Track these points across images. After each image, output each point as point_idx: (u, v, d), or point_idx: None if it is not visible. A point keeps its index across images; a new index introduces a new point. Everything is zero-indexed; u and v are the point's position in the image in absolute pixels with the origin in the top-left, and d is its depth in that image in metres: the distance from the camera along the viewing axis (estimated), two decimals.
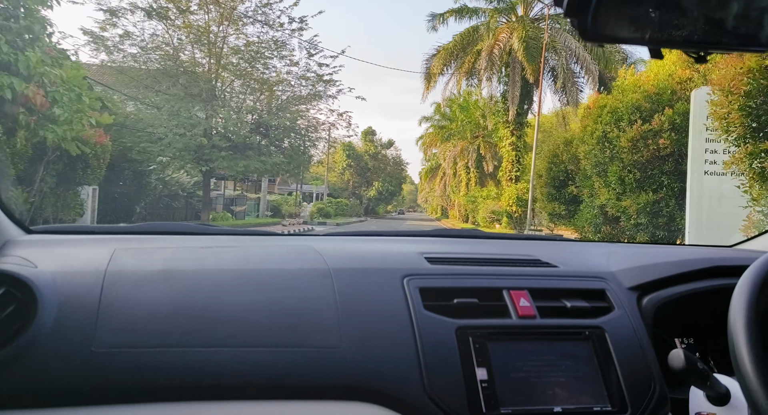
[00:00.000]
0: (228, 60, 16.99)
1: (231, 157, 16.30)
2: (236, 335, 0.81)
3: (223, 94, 17.48)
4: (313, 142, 20.41)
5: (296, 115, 18.40)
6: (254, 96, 18.15)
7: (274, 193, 34.44)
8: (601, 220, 9.75)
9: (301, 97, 18.76)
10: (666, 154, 7.58)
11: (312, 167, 37.18)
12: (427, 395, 0.80)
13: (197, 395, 0.77)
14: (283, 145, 18.77)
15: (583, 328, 0.92)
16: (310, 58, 18.61)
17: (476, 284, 0.97)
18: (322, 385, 0.80)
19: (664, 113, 7.55)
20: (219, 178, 24.35)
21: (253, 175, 23.39)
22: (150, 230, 1.20)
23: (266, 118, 17.55)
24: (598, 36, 0.53)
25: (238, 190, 27.54)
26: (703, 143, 6.97)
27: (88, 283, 0.84)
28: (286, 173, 20.75)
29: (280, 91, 18.52)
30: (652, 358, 0.91)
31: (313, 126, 19.62)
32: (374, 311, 0.88)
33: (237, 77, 17.45)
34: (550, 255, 1.13)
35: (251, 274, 0.93)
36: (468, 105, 37.18)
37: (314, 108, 19.43)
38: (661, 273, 1.04)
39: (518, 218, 20.59)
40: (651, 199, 7.81)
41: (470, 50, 22.17)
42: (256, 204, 26.94)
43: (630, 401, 0.84)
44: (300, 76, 18.48)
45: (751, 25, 0.55)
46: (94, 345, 0.76)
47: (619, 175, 8.19)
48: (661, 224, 7.86)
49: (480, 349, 0.85)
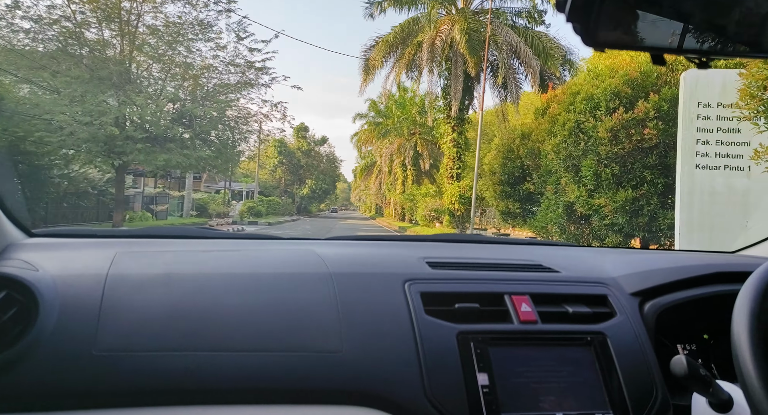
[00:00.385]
0: (144, 41, 14.92)
1: (149, 151, 14.28)
2: (237, 339, 0.80)
3: (139, 79, 15.36)
4: (244, 135, 18.60)
5: (224, 105, 16.55)
6: (176, 82, 16.12)
7: (200, 191, 32.02)
8: (565, 219, 8.89)
9: (229, 85, 16.91)
10: (650, 146, 6.76)
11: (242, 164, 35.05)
12: (428, 400, 0.79)
13: (198, 399, 0.76)
14: (209, 138, 16.84)
15: (584, 333, 0.91)
16: (240, 43, 16.88)
17: (477, 289, 0.95)
18: (323, 389, 0.79)
19: (648, 100, 6.72)
20: (137, 174, 21.92)
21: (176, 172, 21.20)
22: (151, 233, 1.22)
23: (190, 107, 15.60)
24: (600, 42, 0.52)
25: (159, 187, 25.08)
26: (694, 133, 6.19)
27: (90, 286, 0.83)
28: (214, 169, 18.77)
29: (205, 78, 16.60)
30: (654, 364, 0.90)
31: (244, 117, 17.81)
32: (375, 316, 0.87)
33: (155, 61, 15.38)
34: (551, 260, 1.11)
35: (252, 278, 0.92)
36: (405, 101, 36.35)
37: (245, 97, 17.65)
38: (663, 279, 1.02)
39: (461, 217, 19.80)
40: (630, 197, 6.98)
41: (410, 42, 21.13)
42: (180, 203, 24.62)
43: (632, 408, 0.83)
44: (228, 62, 16.65)
45: (753, 32, 0.54)
46: (95, 348, 0.75)
47: (594, 169, 7.32)
48: (640, 225, 7.04)
49: (481, 354, 0.84)
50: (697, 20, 0.53)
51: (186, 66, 15.75)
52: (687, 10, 0.53)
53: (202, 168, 17.52)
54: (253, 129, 19.40)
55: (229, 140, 17.42)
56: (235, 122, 17.61)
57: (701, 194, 6.16)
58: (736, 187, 6.01)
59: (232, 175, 32.35)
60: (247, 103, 21.54)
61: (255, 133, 20.32)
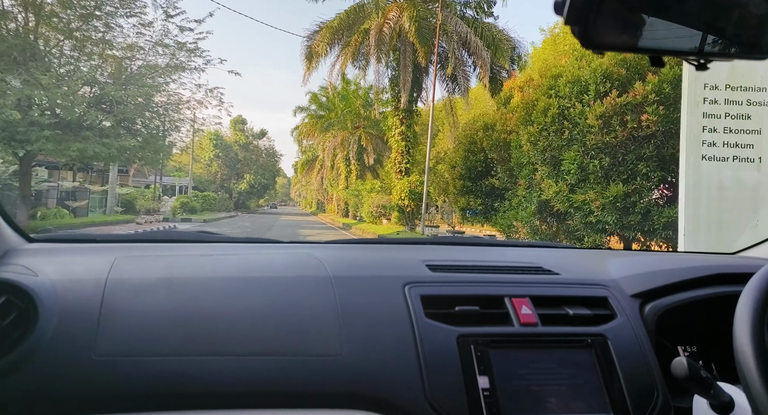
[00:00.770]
0: (53, 12, 12.83)
1: (59, 139, 12.28)
2: (237, 344, 0.80)
3: (48, 56, 13.24)
4: (175, 124, 16.70)
5: (152, 90, 14.65)
6: (94, 62, 14.08)
7: (128, 186, 29.36)
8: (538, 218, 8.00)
9: (157, 67, 15.01)
10: (647, 134, 5.92)
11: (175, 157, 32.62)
12: (428, 403, 0.78)
13: (198, 404, 0.75)
14: (134, 126, 14.90)
15: (585, 336, 0.90)
16: (169, 21, 14.93)
17: (478, 292, 0.95)
18: (323, 393, 0.78)
19: (647, 81, 5.88)
20: (50, 166, 19.43)
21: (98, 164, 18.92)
22: (151, 238, 1.20)
23: (110, 91, 13.62)
24: (598, 44, 0.52)
25: (79, 181, 22.50)
26: (701, 119, 5.40)
27: (89, 291, 0.83)
28: (141, 161, 16.74)
29: (129, 59, 14.64)
30: (655, 366, 0.89)
31: (175, 104, 15.93)
32: (375, 319, 0.86)
33: (66, 37, 13.31)
34: (551, 262, 1.11)
35: (252, 282, 0.91)
36: (348, 94, 35.01)
37: (175, 82, 15.77)
38: (664, 280, 1.02)
39: (411, 213, 18.84)
40: (621, 192, 6.15)
41: (357, 29, 19.87)
42: (103, 198, 22.21)
43: (633, 410, 0.83)
44: (156, 42, 14.76)
45: (752, 33, 0.54)
46: (94, 353, 0.75)
47: (579, 162, 6.44)
48: (632, 224, 6.22)
49: (482, 357, 0.83)
50: (695, 22, 0.53)
51: (105, 44, 13.76)
52: (685, 12, 0.53)
53: (127, 160, 15.50)
54: (185, 117, 17.54)
55: (158, 129, 15.52)
56: (164, 109, 15.70)
57: (708, 189, 5.34)
58: (745, 181, 5.28)
59: (163, 168, 29.91)
60: (178, 88, 19.31)
61: (188, 122, 18.41)
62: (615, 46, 0.55)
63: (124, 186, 28.56)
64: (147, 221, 20.09)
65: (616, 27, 0.53)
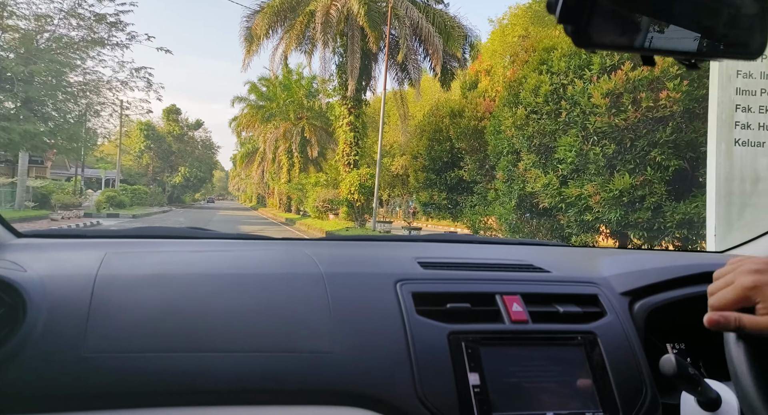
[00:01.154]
0: None
1: None
2: (228, 340, 0.79)
3: None
4: (95, 108, 14.59)
5: (63, 67, 12.56)
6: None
7: (44, 178, 26.28)
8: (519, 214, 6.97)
9: (71, 41, 12.93)
10: (664, 115, 4.97)
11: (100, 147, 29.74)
12: (419, 400, 0.78)
13: (188, 401, 0.75)
14: (44, 108, 12.77)
15: (575, 333, 0.90)
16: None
17: (469, 289, 0.94)
18: (314, 390, 0.78)
19: None
20: None
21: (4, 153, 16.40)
22: (141, 234, 1.19)
23: (11, 66, 11.49)
24: (591, 42, 0.53)
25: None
26: (733, 96, 4.50)
27: (78, 287, 0.82)
28: (52, 149, 14.50)
29: (34, 31, 12.48)
30: (644, 363, 0.90)
31: (94, 84, 13.85)
32: (367, 316, 0.86)
33: None
34: (542, 260, 1.11)
35: (243, 278, 0.90)
36: (290, 83, 33.14)
37: (94, 59, 13.68)
38: (653, 278, 1.02)
39: (361, 208, 17.57)
40: (627, 185, 5.19)
41: (302, 11, 18.32)
42: (12, 191, 19.46)
43: (621, 407, 0.83)
44: (68, 12, 12.69)
45: (741, 33, 0.56)
46: (83, 350, 0.74)
47: (578, 148, 5.44)
48: (639, 222, 5.29)
49: (472, 354, 0.84)
50: (687, 22, 0.54)
51: (3, 10, 11.60)
52: (677, 12, 0.53)
53: (35, 147, 13.29)
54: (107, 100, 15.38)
55: (73, 112, 13.42)
56: (81, 90, 13.63)
57: (741, 181, 4.47)
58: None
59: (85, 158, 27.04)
60: (97, 66, 16.53)
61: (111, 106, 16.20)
62: (607, 45, 0.55)
63: (41, 178, 25.55)
64: (64, 217, 17.74)
65: (609, 26, 0.53)
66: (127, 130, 44.32)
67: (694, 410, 0.78)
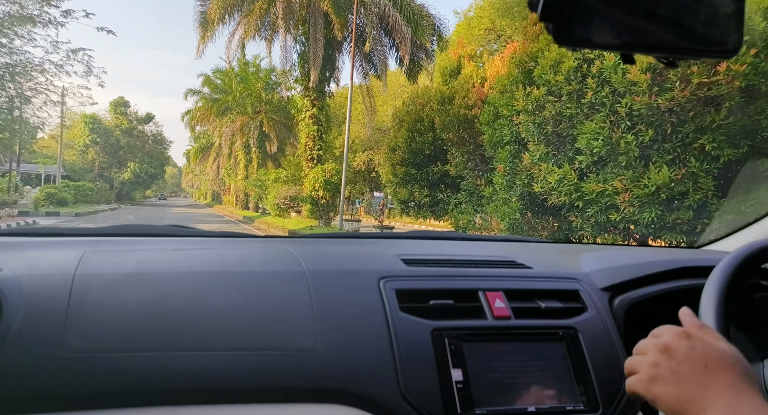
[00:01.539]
0: None
1: None
2: (210, 339, 0.78)
3: None
4: (25, 95, 12.79)
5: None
6: None
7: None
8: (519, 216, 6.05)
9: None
10: (718, 94, 4.12)
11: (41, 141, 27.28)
12: (402, 396, 0.78)
13: (171, 400, 0.74)
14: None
15: (556, 328, 0.90)
16: None
17: (452, 286, 0.94)
18: (297, 388, 0.77)
19: None
20: None
21: None
22: (121, 232, 1.17)
23: None
24: (572, 40, 0.53)
25: None
26: None
27: (56, 286, 0.80)
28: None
29: None
30: (623, 357, 0.87)
31: (22, 67, 12.08)
32: (350, 313, 0.86)
33: None
34: (525, 256, 1.11)
35: (225, 276, 0.89)
36: (248, 75, 31.38)
37: (23, 38, 11.91)
38: (632, 274, 1.03)
39: (326, 205, 16.38)
40: (667, 179, 4.34)
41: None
42: None
43: (601, 401, 0.84)
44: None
45: (719, 32, 0.56)
46: (62, 350, 0.72)
47: (606, 136, 4.54)
48: (679, 223, 4.43)
49: (455, 350, 0.84)
50: (666, 21, 0.54)
51: None
52: (656, 11, 0.54)
53: None
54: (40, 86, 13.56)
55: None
56: (8, 73, 11.86)
57: None
58: None
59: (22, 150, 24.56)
60: (25, 45, 14.18)
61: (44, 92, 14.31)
62: (588, 44, 0.55)
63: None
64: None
65: (589, 24, 0.53)
66: (70, 123, 41.38)
67: None
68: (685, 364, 0.56)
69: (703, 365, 0.55)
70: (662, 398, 0.56)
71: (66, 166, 37.21)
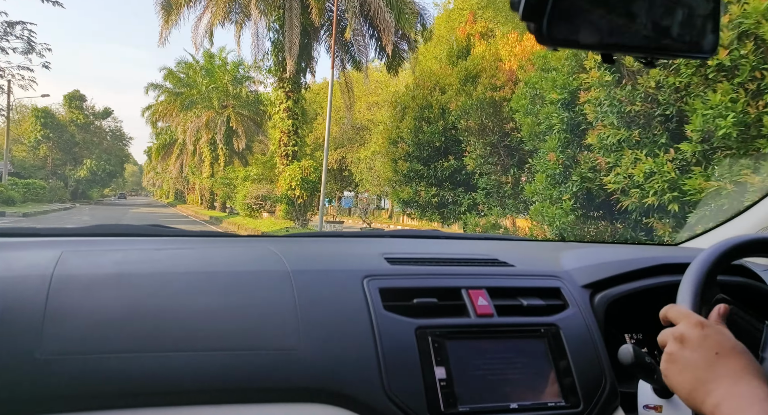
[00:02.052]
0: None
1: None
2: (193, 339, 0.77)
3: None
4: None
5: None
6: None
7: None
8: (573, 218, 4.80)
9: None
10: None
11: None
12: (386, 395, 0.78)
13: (152, 402, 0.72)
14: None
15: (538, 325, 0.91)
16: None
17: (435, 284, 0.94)
18: (281, 388, 0.76)
19: None
20: None
21: None
22: (100, 232, 1.15)
23: None
24: (552, 40, 0.54)
25: None
26: None
27: (33, 287, 0.78)
28: None
29: None
30: (604, 354, 0.91)
31: None
32: (334, 313, 0.85)
33: None
34: (507, 254, 1.11)
35: (208, 276, 0.87)
36: (214, 68, 29.34)
37: None
38: (612, 271, 1.03)
39: (302, 205, 14.88)
40: None
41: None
42: None
43: (582, 396, 0.84)
44: None
45: (695, 33, 0.57)
46: (39, 352, 0.71)
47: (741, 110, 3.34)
48: None
49: (439, 348, 0.83)
50: (644, 21, 0.55)
51: None
52: (635, 12, 0.55)
53: None
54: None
55: None
56: None
57: None
58: None
59: None
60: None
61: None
62: (568, 43, 0.55)
63: None
64: None
65: (569, 24, 0.53)
66: (20, 117, 38.27)
67: (650, 397, 0.79)
68: (698, 351, 0.59)
69: (714, 353, 0.58)
70: (677, 384, 0.60)
71: (15, 163, 34.41)
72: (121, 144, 47.13)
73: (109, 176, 45.70)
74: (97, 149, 43.21)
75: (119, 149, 46.38)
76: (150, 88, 34.43)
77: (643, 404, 0.81)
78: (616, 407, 0.87)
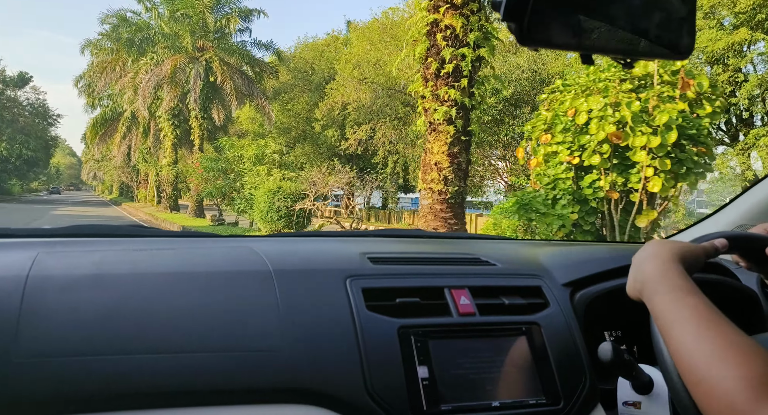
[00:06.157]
0: None
1: None
2: (174, 341, 0.74)
3: None
4: None
5: None
6: None
7: None
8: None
9: None
10: None
11: None
12: (369, 395, 0.76)
13: (132, 404, 0.69)
14: None
15: (520, 324, 0.89)
16: None
17: (418, 284, 0.91)
18: (263, 388, 0.74)
19: None
20: None
21: None
22: (77, 232, 1.08)
23: None
24: (533, 40, 0.53)
25: None
26: None
27: (7, 289, 0.74)
28: None
29: None
30: (584, 351, 0.89)
31: None
32: (316, 313, 0.82)
33: None
34: (489, 253, 1.08)
35: (189, 277, 0.84)
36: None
37: None
38: (592, 269, 1.02)
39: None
40: None
41: None
42: None
43: (563, 394, 0.83)
44: None
45: (672, 35, 0.57)
46: (14, 355, 0.68)
47: None
48: None
49: (421, 347, 0.82)
50: (622, 23, 0.54)
51: None
52: (613, 13, 0.54)
53: None
54: None
55: None
56: None
57: None
58: None
59: None
60: None
61: None
62: (549, 44, 0.54)
63: None
64: None
65: (549, 25, 0.52)
66: None
67: (629, 393, 0.79)
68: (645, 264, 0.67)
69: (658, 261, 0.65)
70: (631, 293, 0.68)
71: None
72: (44, 123, 33.98)
73: (28, 164, 32.49)
74: (8, 129, 30.19)
75: (41, 129, 33.30)
76: (87, 47, 22.41)
77: (623, 400, 0.80)
78: (596, 403, 0.85)
